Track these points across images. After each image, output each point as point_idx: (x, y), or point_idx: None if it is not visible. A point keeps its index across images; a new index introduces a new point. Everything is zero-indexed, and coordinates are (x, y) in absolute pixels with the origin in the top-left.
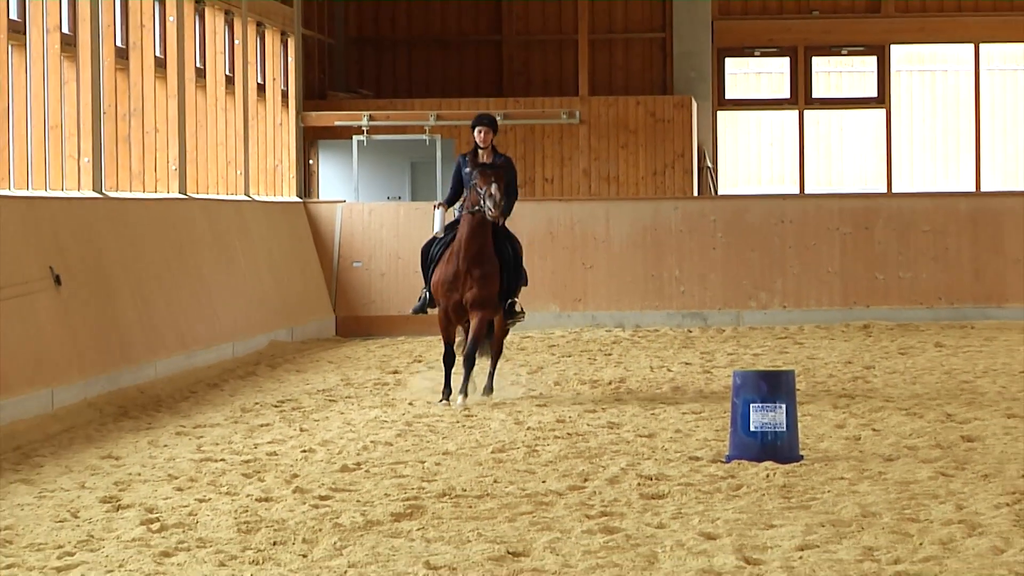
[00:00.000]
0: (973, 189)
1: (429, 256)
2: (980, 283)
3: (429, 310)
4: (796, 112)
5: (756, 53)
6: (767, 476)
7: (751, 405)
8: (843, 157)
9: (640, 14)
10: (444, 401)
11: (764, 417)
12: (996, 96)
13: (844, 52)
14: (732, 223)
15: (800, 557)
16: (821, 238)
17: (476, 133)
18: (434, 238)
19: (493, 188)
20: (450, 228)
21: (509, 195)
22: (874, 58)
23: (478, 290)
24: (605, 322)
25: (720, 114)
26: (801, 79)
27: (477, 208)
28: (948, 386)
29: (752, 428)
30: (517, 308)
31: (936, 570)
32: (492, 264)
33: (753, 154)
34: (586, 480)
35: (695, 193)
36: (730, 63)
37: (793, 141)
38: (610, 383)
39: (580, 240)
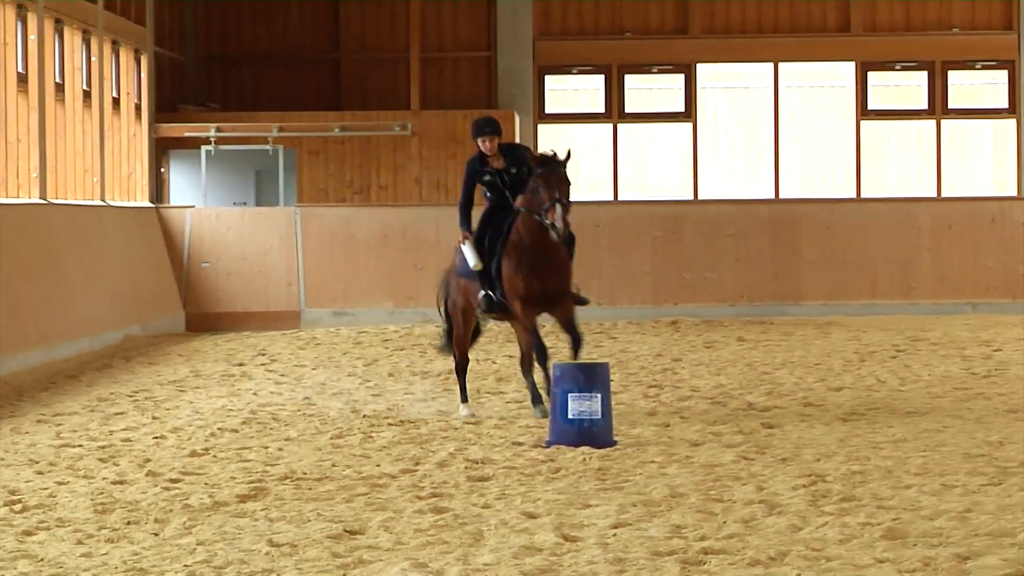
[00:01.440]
0: (773, 196)
1: (491, 252)
2: (779, 282)
3: (484, 320)
4: (611, 125)
5: (574, 71)
6: (584, 460)
7: (569, 395)
8: (654, 167)
9: (467, 34)
10: (467, 413)
11: (581, 406)
12: (794, 111)
13: (654, 70)
14: None
15: (614, 534)
16: (634, 241)
17: (481, 143)
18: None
19: (559, 211)
20: (490, 219)
21: None
22: (682, 76)
23: (560, 276)
24: (436, 319)
25: (541, 127)
26: (615, 95)
27: (538, 217)
28: (749, 377)
29: (570, 416)
30: (581, 293)
31: (739, 546)
32: (562, 249)
33: (571, 163)
34: (417, 464)
35: None
36: (550, 80)
37: (608, 152)
38: (439, 375)
39: (412, 243)
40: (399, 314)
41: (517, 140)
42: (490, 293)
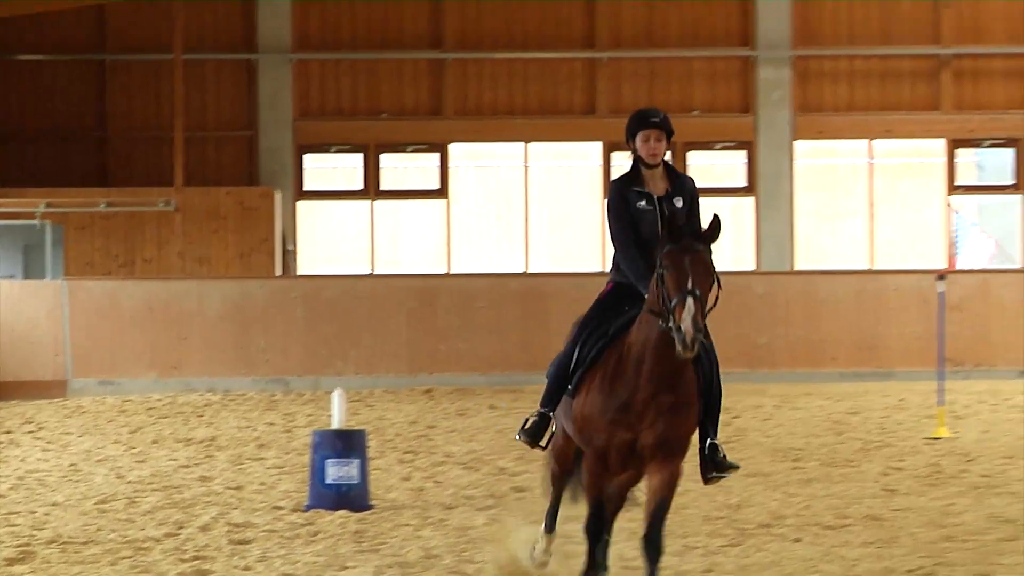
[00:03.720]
0: (523, 270)
1: (576, 358)
2: (528, 352)
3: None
4: (368, 202)
5: (332, 150)
6: (341, 523)
7: (327, 460)
8: (409, 241)
9: (230, 114)
10: (542, 550)
11: (339, 471)
12: (543, 188)
13: (409, 149)
14: (312, 299)
15: None
16: (390, 313)
17: (642, 142)
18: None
19: (688, 314)
20: (614, 307)
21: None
22: (437, 155)
23: (666, 427)
24: (198, 387)
25: (300, 203)
26: (372, 173)
27: (664, 326)
28: (500, 443)
29: (328, 480)
30: (722, 454)
31: None
32: (688, 387)
33: (330, 238)
34: (180, 528)
35: (278, 273)
36: (309, 158)
37: (366, 227)
38: (202, 441)
39: (176, 315)
40: (163, 383)
41: (277, 219)
42: (550, 416)
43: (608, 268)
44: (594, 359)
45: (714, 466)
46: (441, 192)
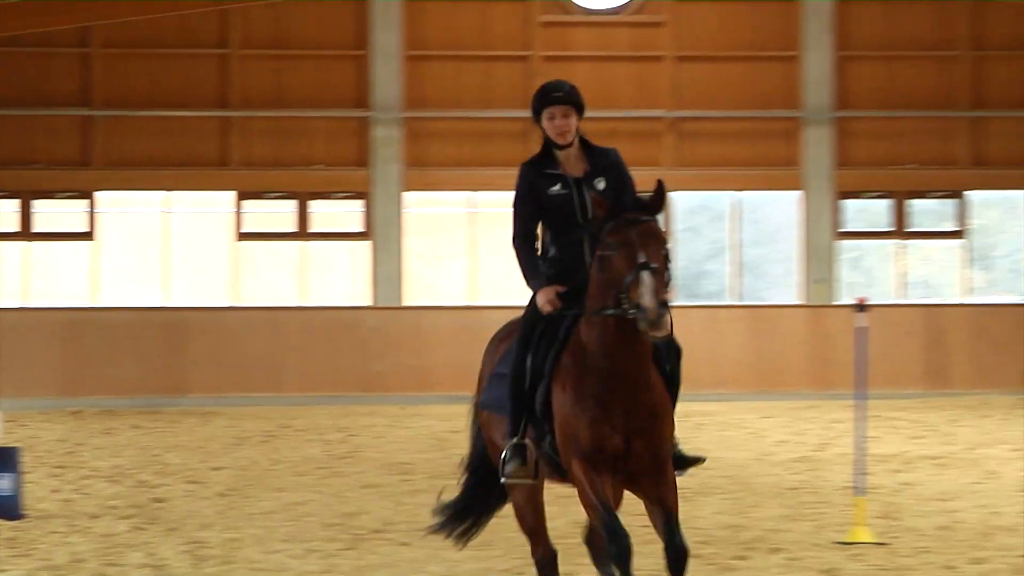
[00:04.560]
0: (164, 304)
1: (527, 369)
2: (169, 377)
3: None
4: (22, 243)
5: None
6: None
7: None
8: (61, 279)
9: None
10: None
11: None
12: (183, 232)
13: (60, 196)
14: None
15: None
16: (43, 341)
17: (548, 120)
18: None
19: (646, 288)
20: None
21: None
22: (86, 201)
23: (651, 421)
24: None
25: None
26: (25, 217)
27: (619, 311)
28: (142, 458)
29: None
30: (681, 447)
31: None
32: (656, 382)
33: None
34: None
35: None
36: None
37: (19, 266)
38: None
39: None
40: None
41: None
42: (524, 443)
43: (237, 303)
44: (552, 369)
45: (681, 462)
46: (90, 235)
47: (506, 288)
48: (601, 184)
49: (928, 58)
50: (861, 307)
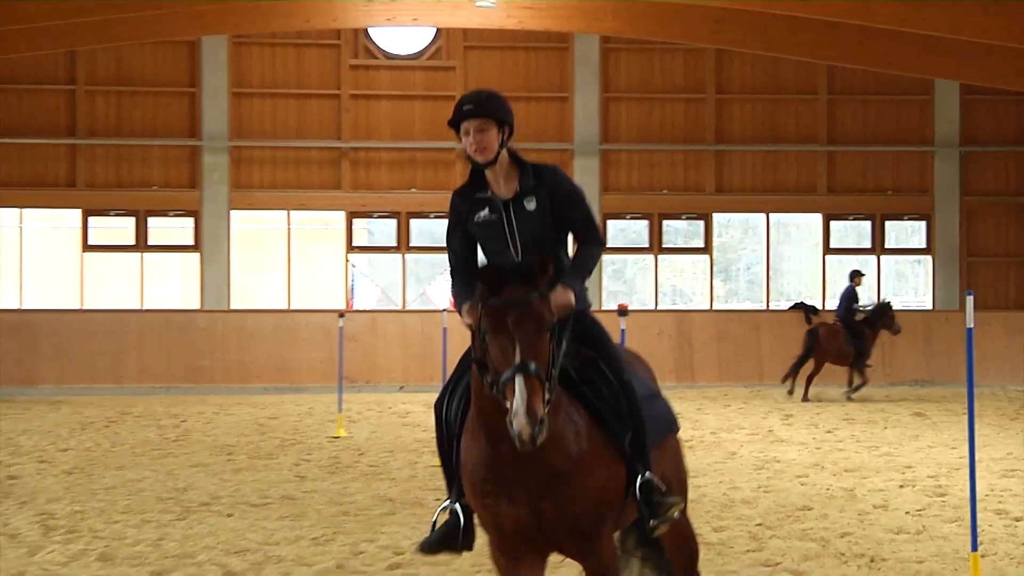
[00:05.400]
0: (17, 307)
1: (444, 417)
2: (18, 369)
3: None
4: None
5: None
6: None
7: None
8: None
9: None
10: None
11: None
12: (34, 245)
13: None
14: None
15: None
16: None
17: (464, 136)
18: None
19: (520, 399)
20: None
21: (583, 255)
22: None
23: (562, 495)
24: None
25: None
26: None
27: (492, 390)
28: None
29: None
30: (661, 488)
31: None
32: (574, 429)
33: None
34: None
35: None
36: None
37: None
38: None
39: None
40: None
41: None
42: (456, 508)
43: (82, 305)
44: (461, 419)
45: (650, 511)
46: None
47: (315, 295)
48: (532, 205)
49: (679, 100)
50: (622, 312)
